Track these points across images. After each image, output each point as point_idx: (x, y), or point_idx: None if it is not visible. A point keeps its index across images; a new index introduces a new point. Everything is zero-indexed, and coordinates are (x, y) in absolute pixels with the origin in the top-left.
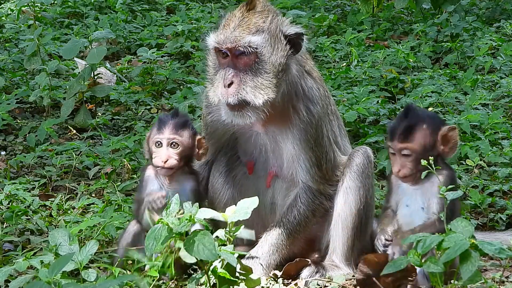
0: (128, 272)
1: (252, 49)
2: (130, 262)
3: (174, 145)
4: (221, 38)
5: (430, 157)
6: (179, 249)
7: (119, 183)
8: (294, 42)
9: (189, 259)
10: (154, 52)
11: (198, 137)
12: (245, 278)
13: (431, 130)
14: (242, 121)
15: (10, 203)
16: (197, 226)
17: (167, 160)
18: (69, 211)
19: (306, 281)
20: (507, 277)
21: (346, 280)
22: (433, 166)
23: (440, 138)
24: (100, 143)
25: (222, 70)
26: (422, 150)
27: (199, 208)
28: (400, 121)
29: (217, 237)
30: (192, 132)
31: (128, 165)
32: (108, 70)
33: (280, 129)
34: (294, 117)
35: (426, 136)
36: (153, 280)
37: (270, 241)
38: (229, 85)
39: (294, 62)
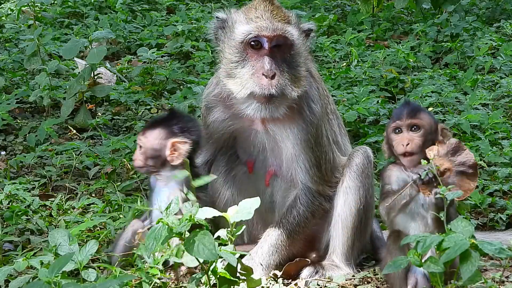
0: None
1: (290, 40)
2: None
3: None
4: (261, 26)
5: (431, 158)
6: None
7: (119, 183)
8: (307, 37)
9: (191, 263)
10: (154, 52)
11: (173, 140)
12: (245, 278)
13: (432, 118)
14: (270, 114)
15: (10, 203)
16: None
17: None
18: (69, 211)
19: (306, 281)
20: (507, 277)
21: (346, 280)
22: (433, 166)
23: (440, 129)
24: (100, 143)
25: (256, 62)
26: (429, 128)
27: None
28: (405, 106)
29: (218, 237)
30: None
31: (128, 165)
32: (108, 70)
33: (280, 128)
34: (297, 116)
35: (430, 119)
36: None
37: (270, 242)
38: (272, 76)
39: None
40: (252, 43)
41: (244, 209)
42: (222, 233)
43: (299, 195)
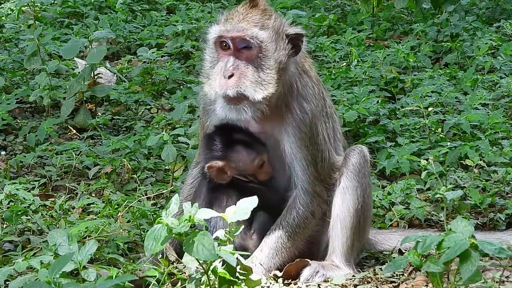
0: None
1: (257, 42)
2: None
3: None
4: (226, 28)
5: (431, 158)
6: None
7: (120, 183)
8: (294, 42)
9: (191, 263)
10: (154, 52)
11: None
12: (245, 278)
13: None
14: (237, 116)
15: (11, 203)
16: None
17: None
18: (69, 211)
19: (306, 282)
20: (507, 277)
21: (346, 280)
22: (433, 166)
23: None
24: (100, 143)
25: (221, 63)
26: None
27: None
28: None
29: (217, 237)
30: None
31: (128, 165)
32: (108, 70)
33: (276, 129)
34: (287, 116)
35: None
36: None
37: (270, 245)
38: (229, 77)
39: (293, 62)
40: (222, 44)
41: (242, 209)
42: (220, 233)
43: (298, 196)
